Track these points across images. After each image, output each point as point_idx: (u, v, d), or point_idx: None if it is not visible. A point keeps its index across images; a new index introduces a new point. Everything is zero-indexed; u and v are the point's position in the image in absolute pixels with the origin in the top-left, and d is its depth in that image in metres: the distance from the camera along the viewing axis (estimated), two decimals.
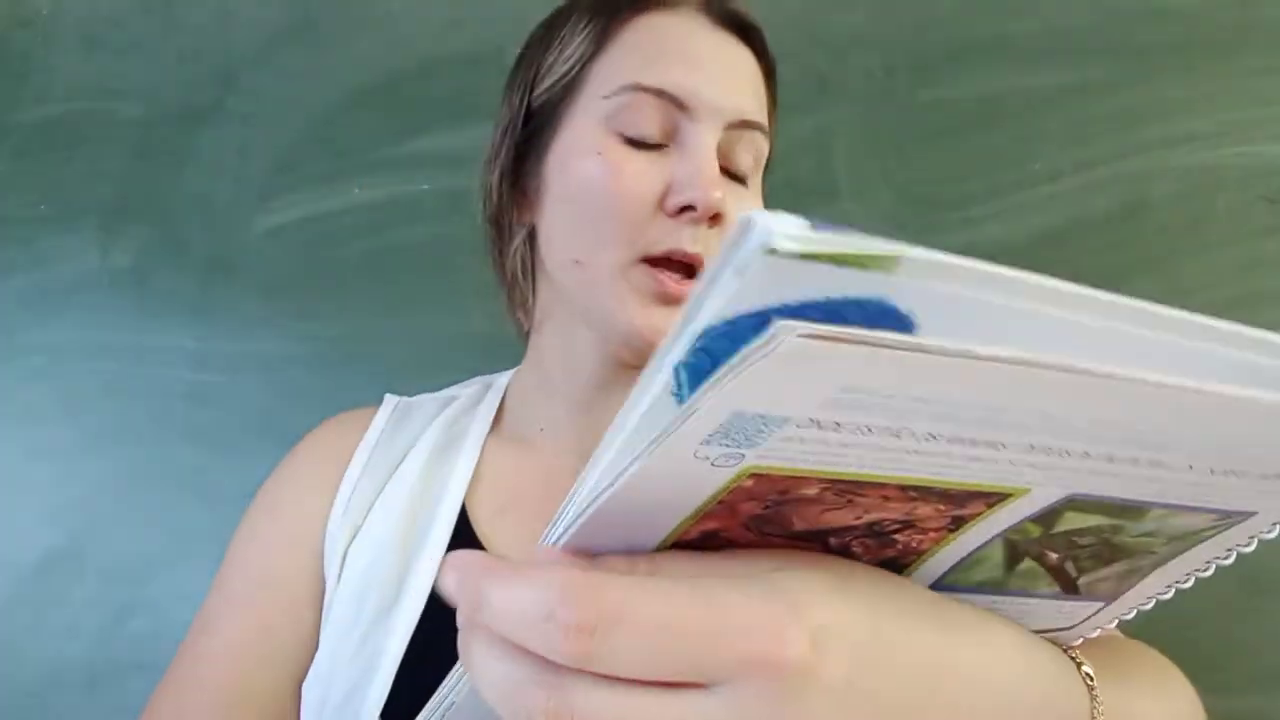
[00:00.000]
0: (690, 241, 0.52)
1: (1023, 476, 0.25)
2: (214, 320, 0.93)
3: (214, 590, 0.57)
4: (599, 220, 0.53)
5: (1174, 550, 0.32)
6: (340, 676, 0.51)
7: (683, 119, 0.53)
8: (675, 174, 0.52)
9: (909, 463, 0.23)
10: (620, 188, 0.52)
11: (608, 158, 0.53)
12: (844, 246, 0.19)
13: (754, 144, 0.56)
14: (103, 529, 0.90)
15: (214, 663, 0.53)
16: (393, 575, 0.53)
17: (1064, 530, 0.29)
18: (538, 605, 0.23)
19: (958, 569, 0.31)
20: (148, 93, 0.96)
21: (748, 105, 0.55)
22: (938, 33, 0.94)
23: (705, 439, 0.21)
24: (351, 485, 0.57)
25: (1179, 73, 0.90)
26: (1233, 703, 0.82)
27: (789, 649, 0.23)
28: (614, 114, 0.53)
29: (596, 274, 0.54)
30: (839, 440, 0.22)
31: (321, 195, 0.95)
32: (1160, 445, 0.24)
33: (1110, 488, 0.26)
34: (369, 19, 0.97)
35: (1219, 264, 0.88)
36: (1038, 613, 0.34)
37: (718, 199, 0.51)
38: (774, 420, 0.21)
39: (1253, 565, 0.39)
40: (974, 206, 0.91)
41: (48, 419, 0.92)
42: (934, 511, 0.27)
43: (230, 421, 0.91)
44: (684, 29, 0.55)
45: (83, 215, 0.95)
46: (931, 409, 0.21)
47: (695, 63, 0.54)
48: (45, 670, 0.88)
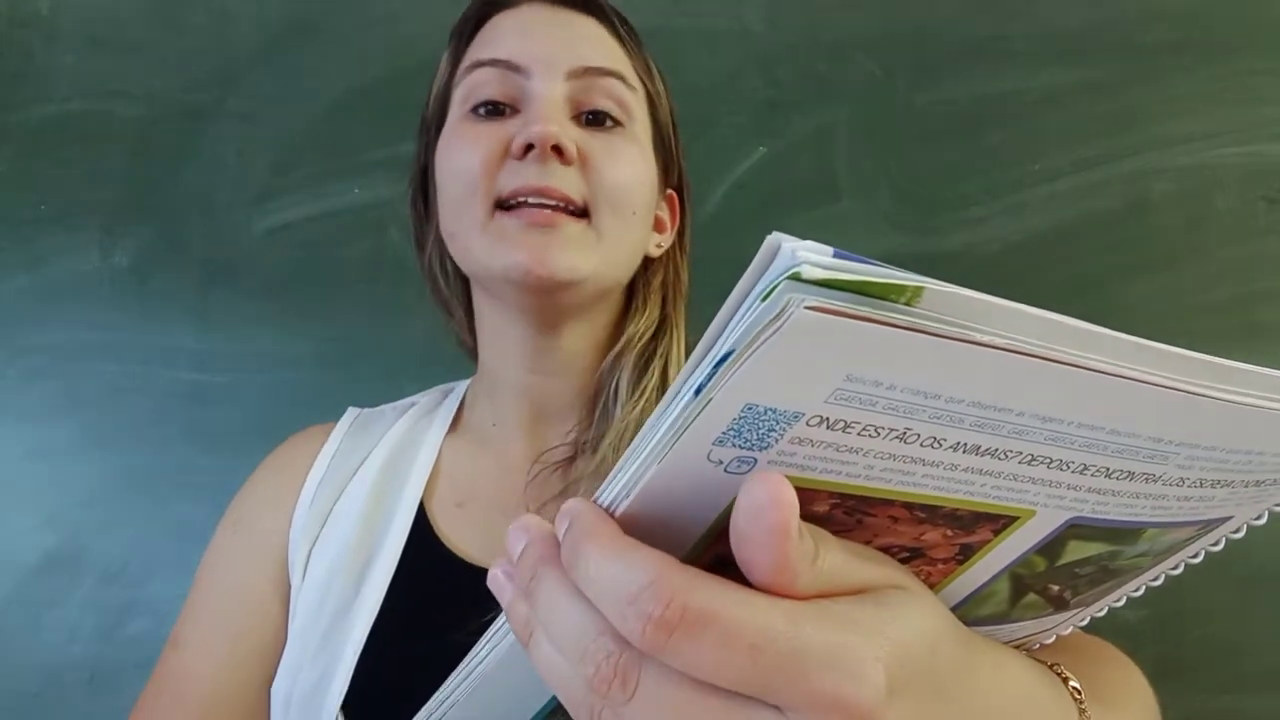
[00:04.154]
0: (538, 176, 0.54)
1: (1025, 495, 0.25)
2: (214, 320, 0.93)
3: (184, 608, 0.58)
4: (455, 189, 0.57)
5: (1157, 563, 0.32)
6: (304, 673, 0.53)
7: (522, 80, 0.57)
8: (517, 126, 0.55)
9: (915, 475, 0.24)
10: (465, 153, 0.56)
11: (457, 134, 0.58)
12: (868, 276, 0.19)
13: (610, 90, 0.58)
14: (103, 529, 0.90)
15: (187, 676, 0.55)
16: (353, 573, 0.55)
17: (1067, 562, 0.29)
18: (627, 584, 0.22)
19: (965, 604, 0.30)
20: (148, 93, 0.96)
21: (588, 54, 0.58)
22: (938, 33, 0.94)
23: (718, 437, 0.21)
24: (312, 491, 0.59)
25: (1179, 73, 0.90)
26: (1233, 703, 0.82)
27: (864, 691, 0.22)
28: (464, 97, 0.58)
29: (467, 238, 0.56)
30: (847, 444, 0.22)
31: (321, 195, 0.95)
32: (1154, 455, 0.24)
33: (1109, 509, 0.27)
34: (369, 19, 0.97)
35: (1219, 264, 0.88)
36: (1028, 627, 0.34)
37: (553, 131, 0.53)
38: (784, 416, 0.21)
39: (1253, 565, 0.39)
40: (974, 206, 0.91)
41: (48, 419, 0.92)
42: (942, 539, 0.27)
43: (230, 421, 0.91)
44: (522, 15, 0.60)
45: (83, 215, 0.95)
46: (932, 406, 0.21)
47: (528, 33, 0.58)
48: (45, 670, 0.88)
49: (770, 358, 0.19)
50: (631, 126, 0.59)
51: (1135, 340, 0.21)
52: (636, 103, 0.60)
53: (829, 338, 0.19)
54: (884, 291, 0.19)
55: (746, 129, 0.93)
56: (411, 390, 0.69)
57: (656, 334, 0.61)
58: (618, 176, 0.56)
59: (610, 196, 0.56)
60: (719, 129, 0.93)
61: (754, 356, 0.19)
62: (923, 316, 0.19)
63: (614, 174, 0.56)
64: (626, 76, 0.59)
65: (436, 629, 0.50)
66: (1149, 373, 0.22)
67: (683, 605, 0.22)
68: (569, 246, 0.54)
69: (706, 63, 0.93)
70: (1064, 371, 0.21)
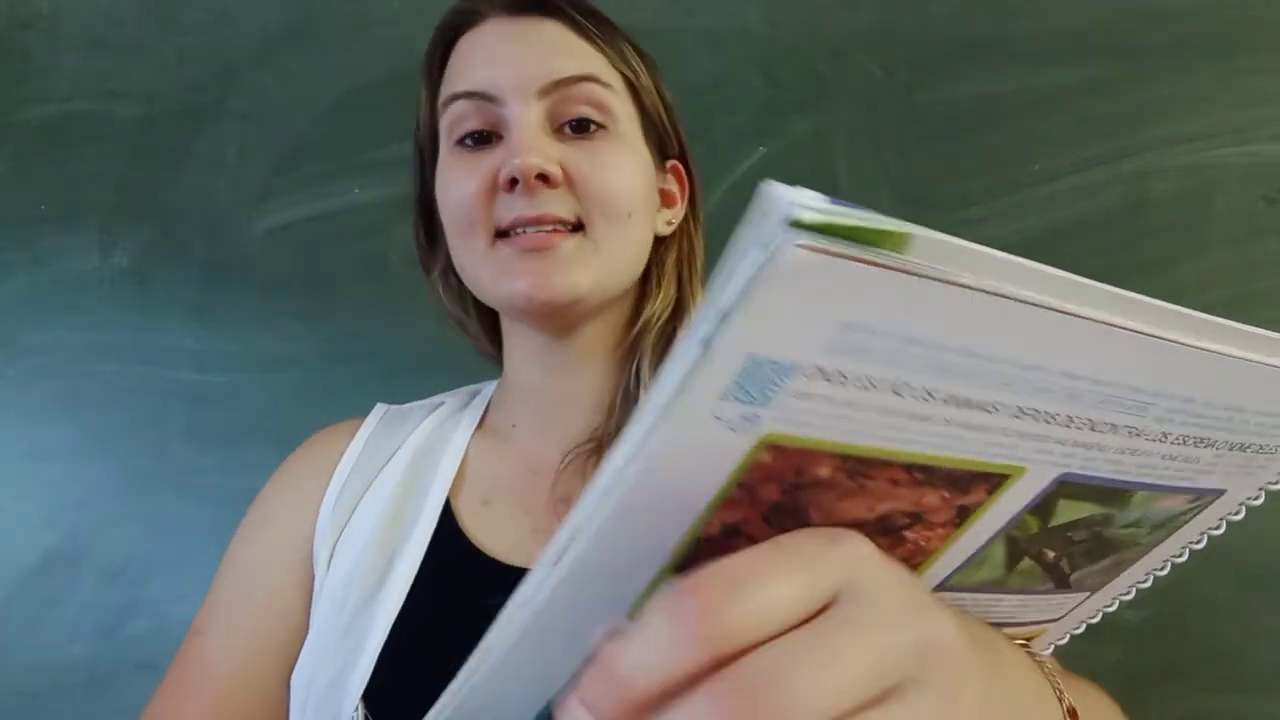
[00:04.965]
0: (529, 206, 0.55)
1: (1016, 452, 0.26)
2: (214, 320, 0.93)
3: (207, 597, 0.59)
4: (456, 224, 0.58)
5: (1156, 539, 0.33)
6: (325, 664, 0.53)
7: (497, 109, 0.57)
8: (502, 157, 0.56)
9: (911, 431, 0.24)
10: (458, 188, 0.58)
11: (449, 167, 0.59)
12: (861, 221, 0.19)
13: (587, 95, 0.58)
14: (103, 529, 0.90)
15: (208, 666, 0.56)
16: (377, 567, 0.55)
17: (1060, 524, 0.31)
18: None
19: (962, 570, 0.31)
20: (148, 93, 0.96)
21: (556, 65, 0.58)
22: (938, 33, 0.94)
23: (722, 392, 0.22)
24: (340, 485, 0.60)
25: (1179, 73, 0.91)
26: (1233, 703, 0.82)
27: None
28: (449, 129, 0.59)
29: (473, 268, 0.59)
30: (845, 398, 0.23)
31: (321, 195, 0.95)
32: (1133, 406, 0.26)
33: (1096, 465, 0.28)
34: (369, 19, 0.97)
35: (1219, 264, 0.88)
36: (1032, 606, 0.35)
37: (533, 163, 0.54)
38: (784, 368, 0.22)
39: (1252, 565, 0.39)
40: (974, 206, 0.91)
41: (48, 419, 0.92)
42: (940, 501, 0.27)
43: (230, 421, 0.91)
44: (487, 35, 0.60)
45: (83, 215, 0.95)
46: (922, 355, 0.22)
47: (493, 57, 0.59)
48: (45, 670, 0.88)
49: (766, 300, 0.20)
50: (615, 126, 0.59)
51: (1114, 290, 0.22)
52: (616, 98, 0.59)
53: (821, 279, 0.20)
54: (875, 238, 0.20)
55: (746, 129, 0.93)
56: (410, 390, 0.69)
57: (674, 314, 0.62)
58: (606, 185, 0.57)
59: (602, 207, 0.56)
60: (719, 129, 0.93)
61: (750, 300, 0.20)
62: (912, 261, 0.20)
63: (602, 184, 0.56)
64: (600, 76, 0.59)
65: (460, 624, 0.50)
66: (1123, 320, 0.23)
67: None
68: (567, 265, 0.55)
69: (706, 63, 0.93)
70: (1044, 315, 0.22)
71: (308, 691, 0.53)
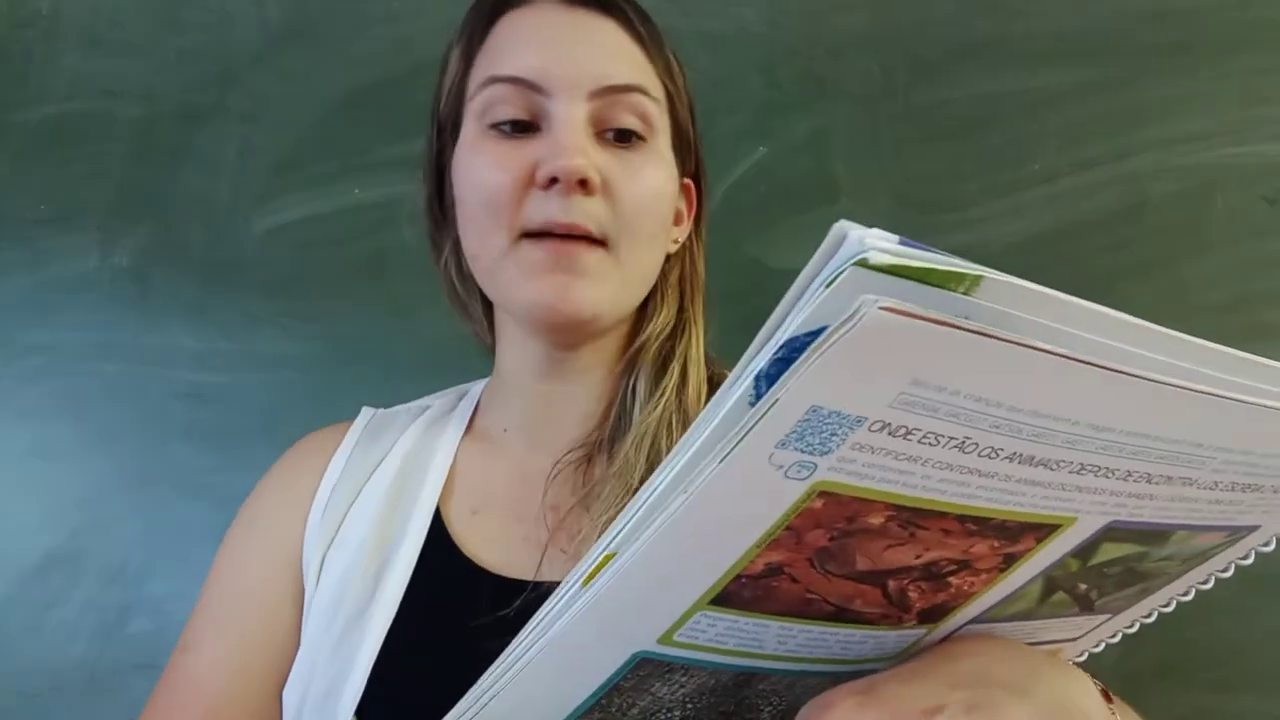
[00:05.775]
0: (562, 211, 0.53)
1: (1071, 503, 0.26)
2: (214, 320, 0.93)
3: (196, 608, 0.58)
4: (478, 210, 0.56)
5: (1185, 569, 0.33)
6: (317, 677, 0.52)
7: (543, 100, 0.55)
8: (541, 151, 0.54)
9: (970, 486, 0.24)
10: (489, 175, 0.55)
11: (479, 151, 0.56)
12: (932, 263, 0.19)
13: (634, 105, 0.57)
14: (103, 529, 0.90)
15: (196, 679, 0.55)
16: (368, 578, 0.54)
17: (1099, 563, 0.30)
18: None
19: (997, 605, 0.31)
20: (148, 93, 0.96)
21: (611, 70, 0.56)
22: (937, 33, 0.93)
23: (781, 440, 0.22)
24: (328, 493, 0.59)
25: (1179, 73, 0.90)
26: (1233, 703, 0.82)
27: None
28: (483, 111, 0.56)
29: (489, 261, 0.56)
30: (907, 452, 0.22)
31: (321, 195, 0.95)
32: (1192, 460, 0.25)
33: (1145, 512, 0.27)
34: (369, 19, 0.97)
35: (1219, 264, 0.88)
36: (1053, 627, 0.34)
37: (579, 165, 0.52)
38: (848, 420, 0.21)
39: (1252, 565, 0.39)
40: (973, 207, 0.91)
41: (48, 419, 0.92)
42: (989, 550, 0.27)
43: (230, 421, 0.91)
44: (538, 19, 0.58)
45: (83, 215, 0.94)
46: (993, 415, 0.22)
47: (546, 45, 0.56)
48: (45, 670, 0.88)
49: (841, 358, 0.19)
50: (654, 140, 0.58)
51: (1174, 334, 0.22)
52: (659, 111, 0.58)
53: (899, 339, 0.19)
54: (945, 280, 0.19)
55: (746, 129, 0.93)
56: (411, 390, 0.69)
57: (674, 333, 0.61)
58: (639, 199, 0.56)
59: (630, 224, 0.55)
60: (719, 129, 0.93)
61: (825, 355, 0.19)
62: (984, 311, 0.20)
63: (635, 198, 0.55)
64: (649, 89, 0.58)
65: (453, 636, 0.50)
66: (1189, 380, 0.22)
67: None
68: (588, 280, 0.54)
69: (706, 63, 0.93)
70: (1114, 379, 0.21)
71: (300, 706, 0.52)
